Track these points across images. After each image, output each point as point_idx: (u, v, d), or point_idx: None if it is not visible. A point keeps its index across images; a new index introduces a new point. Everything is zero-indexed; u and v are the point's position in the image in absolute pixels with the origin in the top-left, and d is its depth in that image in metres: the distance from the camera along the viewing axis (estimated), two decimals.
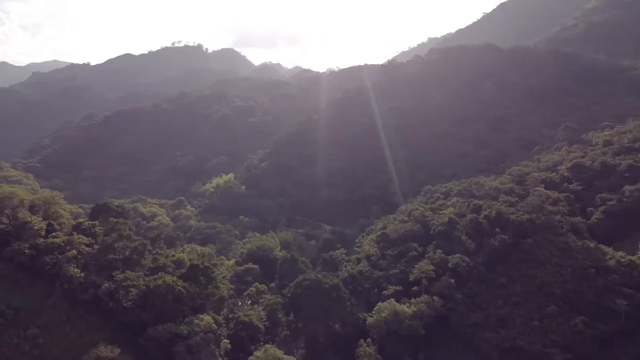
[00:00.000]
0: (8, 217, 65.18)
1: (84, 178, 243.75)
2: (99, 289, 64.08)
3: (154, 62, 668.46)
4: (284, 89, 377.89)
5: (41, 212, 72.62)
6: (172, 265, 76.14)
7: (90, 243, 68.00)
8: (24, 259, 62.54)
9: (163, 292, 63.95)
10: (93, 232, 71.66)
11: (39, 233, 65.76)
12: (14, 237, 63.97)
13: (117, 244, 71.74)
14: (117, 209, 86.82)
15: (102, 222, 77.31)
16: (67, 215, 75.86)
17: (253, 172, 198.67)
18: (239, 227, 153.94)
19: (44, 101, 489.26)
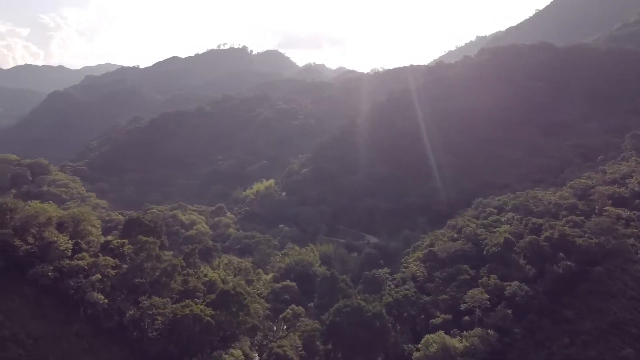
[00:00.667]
0: (34, 236, 62.18)
1: (129, 181, 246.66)
2: (124, 316, 60.05)
3: (200, 64, 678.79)
4: (327, 91, 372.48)
5: (70, 228, 69.45)
6: (203, 288, 71.50)
7: (116, 265, 64.05)
8: (47, 282, 59.29)
9: (190, 322, 59.18)
10: (121, 251, 67.91)
11: (64, 254, 62.46)
12: (39, 258, 60.77)
13: (145, 264, 67.60)
14: (149, 224, 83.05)
15: (132, 239, 73.55)
16: (96, 232, 72.55)
17: (294, 178, 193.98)
18: (279, 237, 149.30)
19: (95, 104, 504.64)
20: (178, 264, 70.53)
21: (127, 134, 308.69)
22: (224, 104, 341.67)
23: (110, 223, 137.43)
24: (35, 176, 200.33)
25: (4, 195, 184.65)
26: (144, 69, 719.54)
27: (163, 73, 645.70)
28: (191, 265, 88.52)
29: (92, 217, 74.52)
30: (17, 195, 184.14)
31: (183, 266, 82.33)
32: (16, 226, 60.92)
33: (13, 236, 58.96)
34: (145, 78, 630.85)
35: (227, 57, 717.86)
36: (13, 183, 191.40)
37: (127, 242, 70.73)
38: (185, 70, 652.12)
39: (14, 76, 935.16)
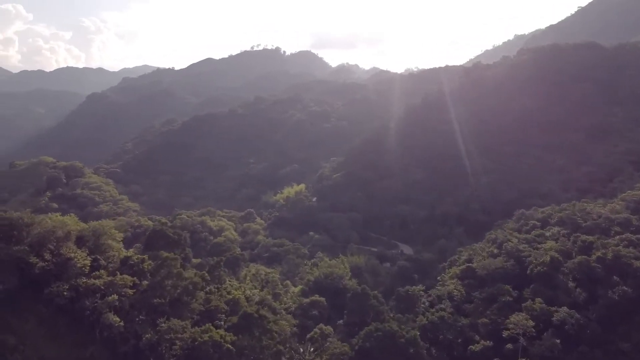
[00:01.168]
0: (51, 252, 59.65)
1: (161, 183, 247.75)
2: (141, 340, 56.80)
3: (234, 66, 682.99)
4: (359, 92, 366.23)
5: (90, 242, 66.90)
6: (225, 309, 67.78)
7: (135, 283, 60.90)
8: (63, 301, 56.65)
9: (210, 349, 55.39)
10: (141, 268, 64.80)
11: (82, 271, 59.77)
12: (55, 276, 58.15)
13: (166, 282, 64.36)
14: (172, 236, 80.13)
15: (154, 254, 70.52)
16: (117, 246, 69.86)
17: (325, 183, 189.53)
18: (308, 245, 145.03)
19: (132, 105, 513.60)
20: (199, 282, 66.92)
21: (160, 136, 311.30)
22: (256, 106, 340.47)
23: (139, 229, 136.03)
24: (69, 179, 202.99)
25: (39, 198, 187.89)
26: (179, 70, 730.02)
27: (197, 75, 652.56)
28: (216, 278, 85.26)
29: (113, 230, 71.67)
30: (51, 198, 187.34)
31: (207, 280, 79.19)
32: (33, 242, 58.47)
33: (29, 253, 56.50)
34: (180, 79, 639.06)
35: (260, 58, 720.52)
36: (48, 186, 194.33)
37: (148, 258, 67.68)
38: (219, 72, 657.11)
39: (56, 78, 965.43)
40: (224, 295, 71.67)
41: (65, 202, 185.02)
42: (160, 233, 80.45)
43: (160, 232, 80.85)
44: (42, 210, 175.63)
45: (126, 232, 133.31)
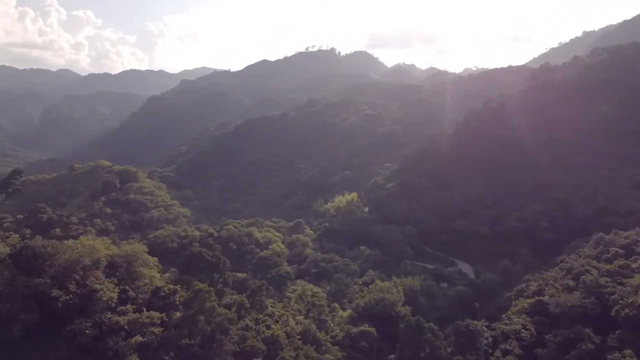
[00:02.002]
0: (77, 283, 55.06)
1: (213, 187, 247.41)
2: None
3: (288, 67, 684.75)
4: (416, 95, 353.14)
5: (122, 270, 62.09)
6: (263, 349, 61.07)
7: (163, 320, 55.26)
8: (85, 340, 51.80)
9: None
10: (172, 301, 59.25)
11: (108, 305, 54.76)
12: (79, 310, 53.42)
13: (198, 317, 58.42)
14: (211, 260, 74.62)
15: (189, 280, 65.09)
16: (149, 273, 64.75)
17: (377, 193, 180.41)
18: (359, 261, 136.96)
19: (189, 108, 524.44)
20: (234, 317, 60.53)
21: (213, 140, 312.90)
22: (308, 109, 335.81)
23: (185, 240, 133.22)
24: (123, 183, 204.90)
25: (94, 202, 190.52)
26: (235, 72, 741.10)
27: (253, 76, 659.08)
28: (257, 304, 79.22)
29: (145, 255, 66.63)
30: (105, 203, 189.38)
31: (246, 308, 73.21)
32: (57, 272, 54.05)
33: (51, 286, 52.06)
34: (236, 81, 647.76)
35: (315, 59, 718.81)
36: (103, 190, 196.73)
37: (181, 287, 62.16)
38: (274, 74, 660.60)
39: (120, 81, 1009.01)
40: (261, 332, 64.98)
41: (118, 207, 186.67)
42: (198, 256, 75.21)
43: (198, 256, 75.60)
44: (96, 214, 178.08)
45: (172, 242, 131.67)
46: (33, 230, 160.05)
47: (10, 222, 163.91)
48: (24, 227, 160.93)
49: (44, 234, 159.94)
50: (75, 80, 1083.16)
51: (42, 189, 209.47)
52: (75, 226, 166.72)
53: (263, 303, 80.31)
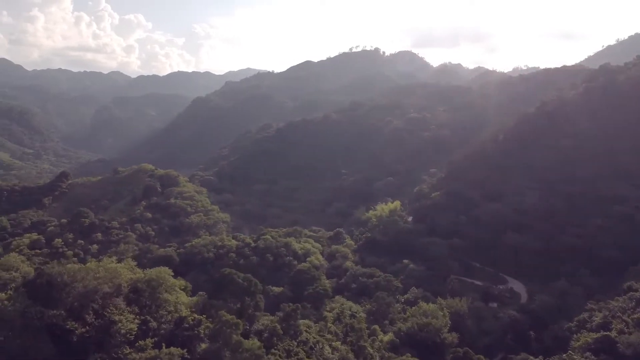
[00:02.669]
0: (95, 313, 50.92)
1: (253, 192, 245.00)
2: None
3: (332, 68, 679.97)
4: (463, 97, 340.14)
5: (145, 295, 57.82)
6: None
7: (184, 356, 50.36)
8: None
9: None
10: (196, 332, 54.39)
11: (127, 338, 50.34)
12: (96, 344, 49.24)
13: (223, 352, 53.36)
14: (242, 283, 69.68)
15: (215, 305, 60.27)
16: (174, 299, 60.10)
17: (422, 202, 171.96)
18: (402, 276, 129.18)
19: (232, 109, 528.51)
20: (262, 355, 55.06)
21: (254, 143, 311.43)
22: (351, 112, 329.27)
23: (222, 249, 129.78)
24: (164, 187, 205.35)
25: (135, 206, 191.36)
26: (278, 73, 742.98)
27: (296, 78, 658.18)
28: (290, 329, 73.53)
29: (170, 279, 62.13)
30: (146, 207, 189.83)
31: (279, 335, 67.78)
32: (74, 302, 50.12)
33: (66, 318, 48.09)
34: (278, 83, 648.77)
35: (359, 60, 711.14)
36: (144, 194, 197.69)
37: (208, 316, 57.37)
38: (317, 75, 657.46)
39: (168, 82, 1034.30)
40: None
41: (159, 212, 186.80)
42: (229, 279, 70.36)
43: (229, 278, 70.76)
44: (136, 219, 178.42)
45: (208, 252, 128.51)
46: (75, 235, 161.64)
47: (55, 226, 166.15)
48: (67, 231, 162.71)
49: (86, 238, 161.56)
50: (125, 82, 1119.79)
51: (87, 192, 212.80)
52: (116, 231, 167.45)
53: (297, 328, 74.54)
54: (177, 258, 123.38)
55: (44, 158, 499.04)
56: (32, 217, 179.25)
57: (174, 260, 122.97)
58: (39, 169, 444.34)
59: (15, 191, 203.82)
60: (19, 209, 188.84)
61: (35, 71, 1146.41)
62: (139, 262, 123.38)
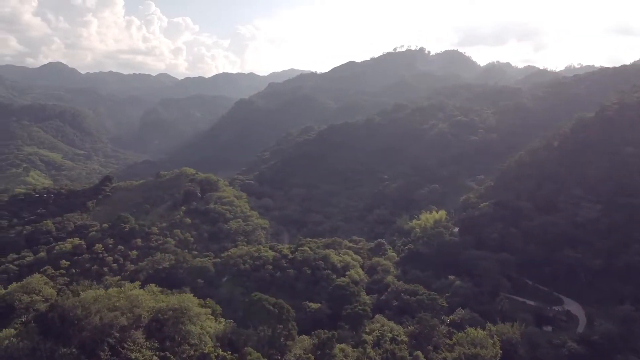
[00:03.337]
0: (111, 348, 47.15)
1: (293, 197, 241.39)
2: None
3: (375, 69, 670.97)
4: (513, 98, 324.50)
5: (169, 324, 53.81)
6: None
7: None
8: None
9: None
10: None
11: None
12: None
13: None
14: (273, 310, 64.81)
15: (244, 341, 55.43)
16: (198, 330, 55.71)
17: (469, 212, 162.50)
18: (447, 293, 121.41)
19: (275, 111, 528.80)
20: None
21: (295, 146, 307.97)
22: (394, 114, 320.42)
23: (258, 261, 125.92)
24: (204, 192, 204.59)
25: (175, 212, 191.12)
26: (321, 74, 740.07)
27: (339, 79, 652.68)
28: (325, 357, 68.43)
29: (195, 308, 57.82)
30: (186, 212, 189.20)
31: None
32: (87, 338, 46.44)
33: (79, 356, 44.35)
34: (321, 84, 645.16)
35: (403, 60, 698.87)
36: (184, 199, 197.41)
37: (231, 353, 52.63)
38: (361, 75, 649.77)
39: (213, 84, 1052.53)
40: None
41: (198, 217, 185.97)
42: (260, 305, 65.61)
43: (259, 304, 65.99)
44: (176, 224, 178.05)
45: (244, 264, 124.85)
46: (116, 240, 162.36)
47: (96, 231, 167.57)
48: (108, 236, 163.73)
49: (126, 244, 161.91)
50: (172, 83, 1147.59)
51: (130, 196, 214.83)
52: (155, 236, 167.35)
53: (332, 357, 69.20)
54: (212, 269, 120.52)
55: (94, 159, 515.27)
56: (76, 220, 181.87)
57: (209, 271, 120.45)
58: (89, 170, 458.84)
59: (61, 194, 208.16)
60: (64, 212, 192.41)
61: (88, 74, 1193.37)
62: (174, 273, 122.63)
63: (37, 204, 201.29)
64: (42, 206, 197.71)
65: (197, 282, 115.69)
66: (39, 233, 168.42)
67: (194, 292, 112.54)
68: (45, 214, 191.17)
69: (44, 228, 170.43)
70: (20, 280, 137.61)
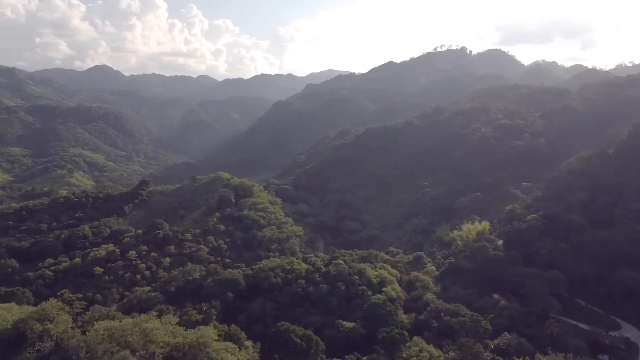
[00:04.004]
0: None
1: (329, 202, 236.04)
2: None
3: (415, 69, 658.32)
4: (560, 100, 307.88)
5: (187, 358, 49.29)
6: None
7: None
8: None
9: None
10: None
11: None
12: None
13: None
14: (299, 343, 59.56)
15: None
16: None
17: (515, 225, 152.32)
18: (491, 314, 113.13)
19: (312, 113, 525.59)
20: None
21: (332, 150, 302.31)
22: (434, 117, 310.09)
23: (290, 274, 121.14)
24: (239, 198, 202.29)
25: (209, 218, 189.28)
26: (360, 75, 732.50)
27: (377, 80, 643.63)
28: None
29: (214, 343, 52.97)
30: (220, 219, 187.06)
31: None
32: None
33: None
34: (359, 85, 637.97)
35: (443, 60, 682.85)
36: (219, 205, 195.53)
37: None
38: (399, 76, 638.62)
39: (252, 85, 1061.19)
40: None
41: (232, 223, 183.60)
42: (285, 337, 60.47)
43: (286, 335, 60.85)
44: (210, 231, 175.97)
45: (276, 277, 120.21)
46: (149, 247, 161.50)
47: (130, 237, 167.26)
48: (142, 242, 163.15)
49: (160, 250, 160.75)
50: (212, 85, 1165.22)
51: (165, 200, 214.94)
52: (189, 243, 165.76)
53: None
54: (243, 282, 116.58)
55: (135, 160, 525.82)
56: (112, 225, 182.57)
57: (240, 285, 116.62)
58: (130, 171, 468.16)
59: (99, 198, 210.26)
60: (102, 216, 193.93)
61: (132, 76, 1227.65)
62: (204, 285, 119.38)
63: (76, 207, 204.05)
64: (81, 210, 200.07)
65: (227, 295, 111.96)
66: (76, 238, 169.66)
67: (224, 306, 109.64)
68: (83, 217, 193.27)
69: (81, 233, 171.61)
70: (55, 287, 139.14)
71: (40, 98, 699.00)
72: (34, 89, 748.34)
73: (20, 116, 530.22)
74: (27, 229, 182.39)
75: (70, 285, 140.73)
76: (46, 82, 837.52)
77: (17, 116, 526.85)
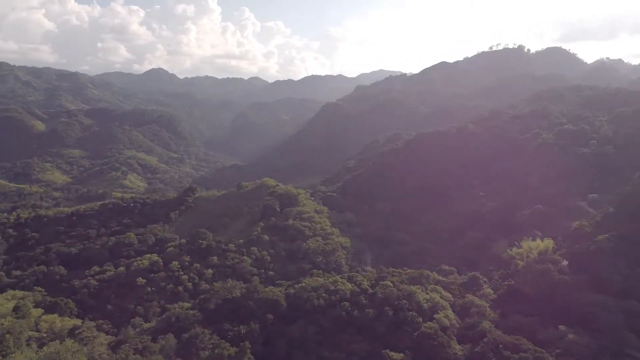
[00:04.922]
0: None
1: (377, 212, 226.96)
2: None
3: (469, 70, 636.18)
4: (631, 103, 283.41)
5: None
6: None
7: None
8: None
9: None
10: None
11: None
12: None
13: None
14: None
15: None
16: None
17: (583, 244, 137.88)
18: (558, 349, 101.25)
19: (362, 116, 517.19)
20: None
21: (381, 155, 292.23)
22: (490, 122, 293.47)
23: (334, 296, 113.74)
24: (284, 207, 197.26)
25: (253, 227, 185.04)
26: (411, 76, 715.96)
27: (429, 81, 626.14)
28: None
29: None
30: (264, 228, 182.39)
31: None
32: None
33: None
34: (410, 86, 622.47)
35: (500, 59, 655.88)
36: (263, 214, 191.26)
37: None
38: (453, 77, 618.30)
39: (302, 86, 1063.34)
40: None
41: (276, 233, 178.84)
42: None
43: None
44: (253, 242, 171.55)
45: (318, 299, 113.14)
46: (192, 257, 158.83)
47: (174, 247, 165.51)
48: (185, 252, 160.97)
49: (202, 261, 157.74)
50: (263, 87, 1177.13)
51: (211, 207, 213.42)
52: (232, 254, 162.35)
53: None
54: (284, 303, 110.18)
55: (187, 162, 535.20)
56: (157, 232, 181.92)
57: (281, 306, 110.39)
58: (181, 173, 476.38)
59: (147, 204, 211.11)
60: (148, 222, 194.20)
61: (186, 79, 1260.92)
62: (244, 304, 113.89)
63: (124, 213, 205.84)
64: (128, 216, 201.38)
65: (267, 317, 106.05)
66: (121, 245, 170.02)
67: (262, 328, 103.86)
68: (130, 224, 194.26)
69: (127, 240, 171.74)
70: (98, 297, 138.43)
71: (99, 101, 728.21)
72: (93, 92, 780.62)
73: (80, 119, 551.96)
74: (76, 234, 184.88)
75: (113, 296, 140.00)
76: (105, 86, 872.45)
77: (77, 119, 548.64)
